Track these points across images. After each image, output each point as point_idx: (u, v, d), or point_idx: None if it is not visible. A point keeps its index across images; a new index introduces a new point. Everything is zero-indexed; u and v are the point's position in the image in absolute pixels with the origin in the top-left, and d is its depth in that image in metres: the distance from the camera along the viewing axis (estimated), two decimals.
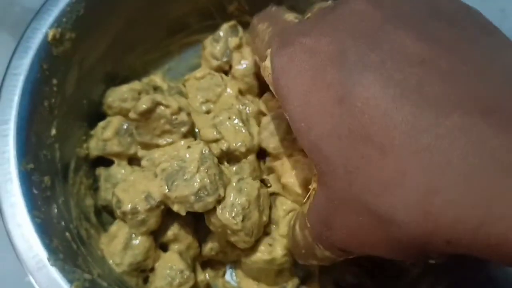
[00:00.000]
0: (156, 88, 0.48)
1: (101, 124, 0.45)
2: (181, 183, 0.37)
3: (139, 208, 0.39)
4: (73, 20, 0.41)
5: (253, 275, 0.44)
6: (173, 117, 0.41)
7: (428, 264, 0.37)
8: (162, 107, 0.41)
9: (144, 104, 0.40)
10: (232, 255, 0.45)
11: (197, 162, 0.38)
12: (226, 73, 0.48)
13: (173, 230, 0.42)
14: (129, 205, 0.39)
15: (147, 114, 0.41)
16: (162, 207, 0.39)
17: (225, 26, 0.47)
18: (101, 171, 0.45)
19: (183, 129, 0.42)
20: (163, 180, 0.38)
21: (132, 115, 0.42)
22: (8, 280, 0.45)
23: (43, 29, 0.39)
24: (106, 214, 0.45)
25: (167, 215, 0.41)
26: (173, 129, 0.42)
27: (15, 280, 0.41)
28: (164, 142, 0.43)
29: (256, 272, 0.43)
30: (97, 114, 0.46)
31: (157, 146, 0.43)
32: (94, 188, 0.45)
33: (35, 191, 0.36)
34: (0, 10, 0.56)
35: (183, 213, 0.38)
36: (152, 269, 0.42)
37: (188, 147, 0.39)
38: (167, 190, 0.37)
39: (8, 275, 0.44)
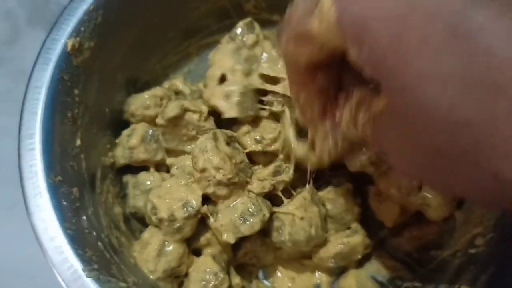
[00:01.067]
0: (178, 93, 0.47)
1: (126, 132, 0.45)
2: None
3: (177, 215, 0.38)
4: (91, 29, 0.41)
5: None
6: (201, 123, 0.41)
7: (470, 254, 0.37)
8: (190, 113, 0.41)
9: (172, 110, 0.40)
10: (265, 259, 0.44)
11: None
12: None
13: (206, 236, 0.41)
14: (167, 212, 0.38)
15: (175, 121, 0.41)
16: (199, 216, 0.39)
17: (241, 24, 0.47)
18: (128, 178, 0.45)
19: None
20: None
21: (159, 121, 0.42)
22: None
23: (62, 40, 0.39)
24: (134, 221, 0.45)
25: (200, 222, 0.40)
26: (199, 134, 0.42)
27: None
28: (191, 148, 0.43)
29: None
30: (119, 122, 0.46)
31: (184, 152, 0.43)
32: (121, 196, 0.45)
33: (64, 203, 0.36)
34: (36, 7, 0.57)
35: (232, 241, 0.38)
36: (186, 274, 0.41)
37: None
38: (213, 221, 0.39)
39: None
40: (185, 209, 0.39)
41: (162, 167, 0.45)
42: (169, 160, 0.44)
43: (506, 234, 0.36)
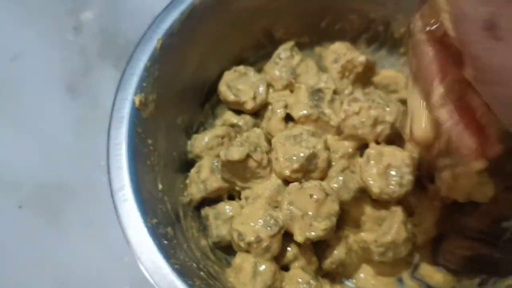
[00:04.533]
0: (233, 126, 0.50)
1: (194, 170, 0.48)
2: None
3: (263, 236, 0.41)
4: (152, 83, 0.44)
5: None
6: (257, 170, 0.45)
7: None
8: (251, 160, 0.44)
9: (236, 154, 0.44)
10: (350, 268, 0.47)
11: None
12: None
13: (292, 250, 0.44)
14: (253, 235, 0.42)
15: (235, 162, 0.44)
16: (282, 231, 0.42)
17: (284, 47, 0.51)
18: (207, 211, 0.48)
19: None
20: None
21: (222, 157, 0.45)
22: None
23: (129, 98, 0.43)
24: (218, 251, 0.48)
25: (284, 238, 0.43)
26: (252, 178, 0.46)
27: None
28: (245, 185, 0.46)
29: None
30: (186, 164, 0.49)
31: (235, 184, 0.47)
32: (202, 229, 0.48)
33: (165, 242, 0.39)
34: (106, 43, 0.63)
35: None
36: None
37: None
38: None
39: None
40: (268, 228, 0.42)
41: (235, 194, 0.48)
42: (238, 187, 0.47)
43: None
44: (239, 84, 0.51)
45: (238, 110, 0.52)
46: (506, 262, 0.40)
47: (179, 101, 0.48)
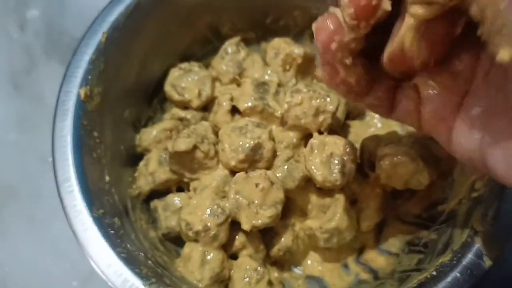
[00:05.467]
0: (181, 119, 0.51)
1: (142, 163, 0.49)
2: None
3: (210, 224, 0.42)
4: (97, 76, 0.45)
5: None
6: (205, 161, 0.46)
7: (473, 198, 0.42)
8: (198, 151, 0.45)
9: (182, 145, 0.44)
10: (298, 255, 0.49)
11: None
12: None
13: (240, 239, 0.45)
14: (201, 224, 0.42)
15: (182, 153, 0.45)
16: (230, 220, 0.43)
17: (230, 42, 0.52)
18: (156, 203, 0.48)
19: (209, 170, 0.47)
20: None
21: (169, 148, 0.45)
22: None
23: (74, 90, 0.43)
24: (167, 242, 0.49)
25: (232, 227, 0.44)
26: (200, 169, 0.47)
27: None
28: (193, 176, 0.47)
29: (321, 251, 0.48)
30: (135, 157, 0.50)
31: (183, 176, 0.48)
32: (151, 221, 0.49)
33: (111, 232, 0.40)
34: (51, 41, 0.62)
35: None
36: (229, 278, 0.45)
37: None
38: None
39: None
40: (216, 217, 0.43)
41: (182, 185, 0.49)
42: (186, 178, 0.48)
43: None
44: (184, 82, 0.51)
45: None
46: (441, 242, 0.43)
47: (126, 95, 0.49)
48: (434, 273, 0.38)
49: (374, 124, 0.53)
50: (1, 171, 0.55)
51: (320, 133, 0.47)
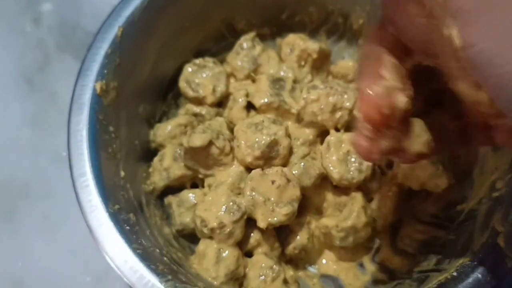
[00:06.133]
0: (196, 115, 0.51)
1: (157, 158, 0.48)
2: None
3: (225, 221, 0.42)
4: (113, 70, 0.44)
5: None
6: (220, 157, 0.45)
7: (494, 197, 0.41)
8: (214, 147, 0.44)
9: (198, 140, 0.44)
10: (313, 254, 0.48)
11: None
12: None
13: (255, 236, 0.45)
14: (216, 221, 0.42)
15: (197, 149, 0.44)
16: (245, 217, 0.42)
17: (246, 37, 0.51)
18: (170, 199, 0.48)
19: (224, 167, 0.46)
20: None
21: (184, 143, 0.45)
22: None
23: (90, 84, 0.43)
24: (181, 239, 0.48)
25: (247, 224, 0.44)
26: (215, 165, 0.46)
27: None
28: (208, 173, 0.47)
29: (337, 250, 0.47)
30: (149, 152, 0.49)
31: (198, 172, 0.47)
32: (165, 218, 0.48)
33: (127, 228, 0.39)
34: (65, 35, 0.62)
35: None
36: (244, 275, 0.44)
37: None
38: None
39: None
40: (231, 214, 0.42)
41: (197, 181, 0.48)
42: (201, 174, 0.47)
43: None
44: (198, 78, 0.51)
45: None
46: (460, 243, 0.42)
47: (140, 90, 0.48)
48: (455, 273, 0.38)
49: None
50: (15, 169, 0.55)
51: (337, 130, 0.46)
